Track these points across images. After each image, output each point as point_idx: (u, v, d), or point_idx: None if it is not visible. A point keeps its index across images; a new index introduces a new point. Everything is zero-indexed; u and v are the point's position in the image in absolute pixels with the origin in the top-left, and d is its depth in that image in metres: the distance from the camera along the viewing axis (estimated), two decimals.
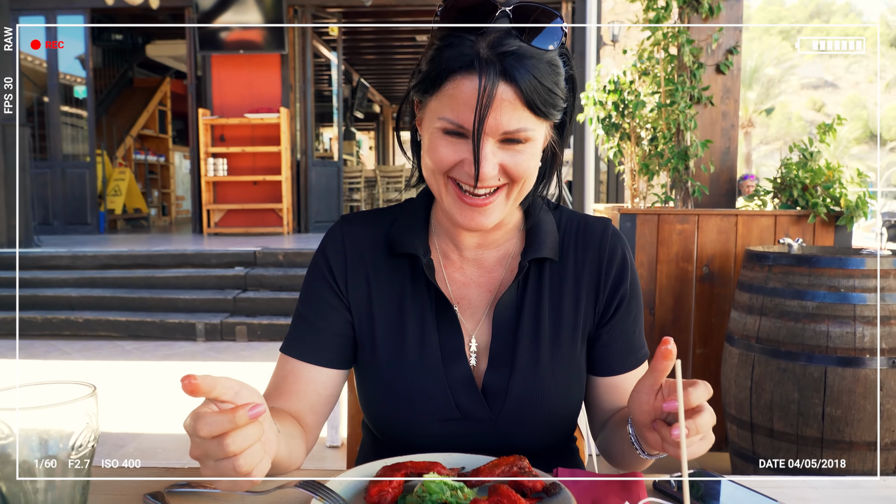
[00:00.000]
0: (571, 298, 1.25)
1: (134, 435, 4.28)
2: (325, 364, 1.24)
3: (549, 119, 1.10)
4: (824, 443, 2.87)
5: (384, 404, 1.24)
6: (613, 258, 1.27)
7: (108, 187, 12.58)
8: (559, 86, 1.08)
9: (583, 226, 1.30)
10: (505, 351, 1.22)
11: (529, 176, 1.12)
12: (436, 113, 1.09)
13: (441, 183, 1.13)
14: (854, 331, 2.83)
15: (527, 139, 1.08)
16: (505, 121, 1.04)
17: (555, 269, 1.26)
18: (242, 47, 10.50)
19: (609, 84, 4.31)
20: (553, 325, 1.23)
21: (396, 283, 1.26)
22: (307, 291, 1.29)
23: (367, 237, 1.29)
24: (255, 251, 8.08)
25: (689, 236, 3.75)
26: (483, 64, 1.02)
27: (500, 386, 1.21)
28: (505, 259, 1.28)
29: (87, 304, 7.46)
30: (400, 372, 1.21)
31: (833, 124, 3.80)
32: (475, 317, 1.26)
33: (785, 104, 44.04)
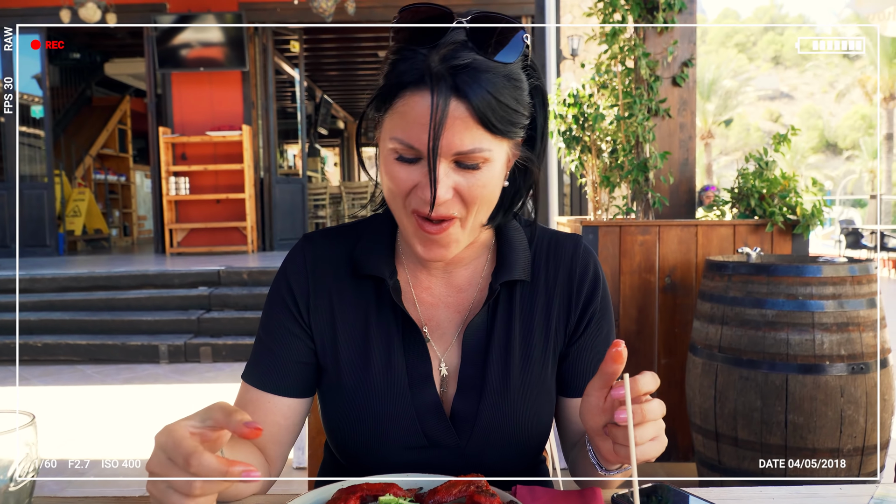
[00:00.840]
0: (542, 319, 1.21)
1: (95, 461, 4.18)
2: (286, 393, 1.20)
3: (507, 137, 1.03)
4: (788, 450, 2.90)
5: (348, 430, 1.19)
6: (585, 275, 1.23)
7: (68, 208, 12.39)
8: (520, 101, 1.02)
9: (554, 243, 1.25)
10: (474, 375, 1.18)
11: (486, 200, 1.06)
12: (388, 132, 1.03)
13: (400, 208, 1.08)
14: (813, 338, 2.86)
15: (483, 160, 1.02)
16: (457, 141, 0.98)
17: (526, 290, 1.22)
18: (203, 65, 10.43)
19: (569, 97, 4.35)
20: (523, 348, 1.19)
21: (361, 305, 1.20)
22: (268, 317, 1.23)
23: (331, 257, 1.23)
24: (219, 270, 7.99)
25: (650, 247, 3.78)
26: (434, 79, 0.97)
27: (469, 412, 1.17)
28: (475, 278, 1.23)
29: (45, 328, 7.31)
30: (365, 397, 1.17)
31: (787, 134, 3.86)
32: (444, 339, 1.21)
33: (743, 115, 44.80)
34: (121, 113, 15.72)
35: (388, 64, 1.03)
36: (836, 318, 2.88)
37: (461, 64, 0.97)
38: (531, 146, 1.12)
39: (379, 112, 1.05)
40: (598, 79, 4.32)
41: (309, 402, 1.24)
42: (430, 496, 0.97)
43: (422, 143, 0.99)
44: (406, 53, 1.00)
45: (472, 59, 0.98)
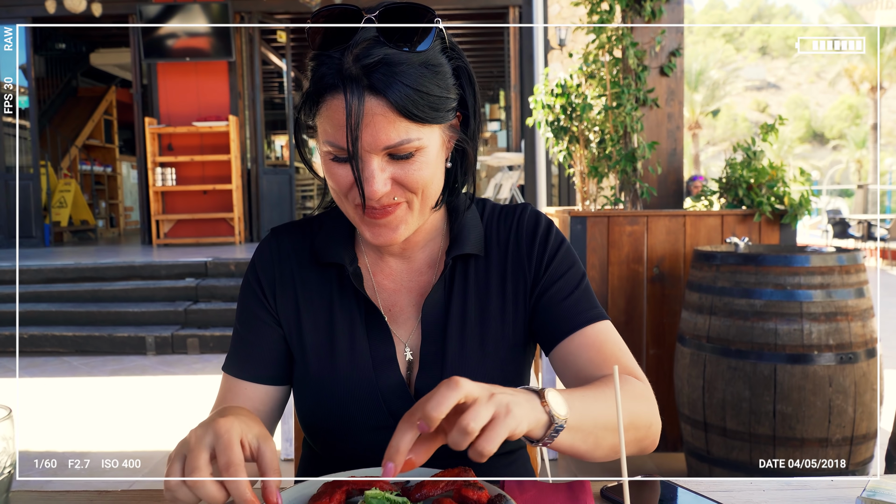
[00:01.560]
0: (498, 288, 1.23)
1: (82, 453, 4.17)
2: (263, 381, 1.23)
3: (436, 123, 1.06)
4: (776, 440, 2.91)
5: (317, 415, 1.22)
6: (534, 232, 1.25)
7: (53, 199, 12.29)
8: (442, 85, 1.04)
9: (503, 214, 1.28)
10: (435, 352, 1.20)
11: (427, 185, 1.08)
12: (321, 136, 1.06)
13: (345, 203, 1.11)
14: (801, 328, 2.87)
15: (416, 149, 1.04)
16: (383, 136, 1.01)
17: (480, 264, 1.24)
18: (189, 55, 10.35)
19: (557, 88, 4.33)
20: (481, 321, 1.22)
21: (325, 293, 1.24)
22: (241, 308, 1.27)
23: (295, 248, 1.27)
24: (207, 261, 7.95)
25: (638, 237, 3.78)
26: (347, 81, 0.99)
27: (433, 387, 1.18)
28: (433, 260, 1.26)
29: (31, 320, 7.26)
30: (331, 383, 1.20)
31: (775, 124, 3.86)
32: (407, 324, 1.24)
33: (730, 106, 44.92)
34: (106, 103, 15.59)
35: (310, 70, 1.06)
36: (825, 308, 2.88)
37: (373, 62, 0.99)
38: (466, 126, 1.15)
39: (309, 118, 1.09)
40: (586, 69, 4.31)
41: (287, 392, 1.28)
42: (417, 490, 0.96)
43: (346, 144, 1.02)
44: (322, 59, 1.03)
45: (383, 55, 0.99)
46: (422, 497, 0.95)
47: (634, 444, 1.05)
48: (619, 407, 0.71)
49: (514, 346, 1.23)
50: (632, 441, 1.03)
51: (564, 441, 0.92)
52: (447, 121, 1.09)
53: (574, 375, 1.18)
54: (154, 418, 4.87)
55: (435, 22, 1.03)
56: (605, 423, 0.97)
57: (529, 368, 1.31)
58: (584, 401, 0.96)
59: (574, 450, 0.96)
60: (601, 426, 0.96)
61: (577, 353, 1.17)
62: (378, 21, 1.00)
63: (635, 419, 1.03)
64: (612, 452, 1.00)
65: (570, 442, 0.93)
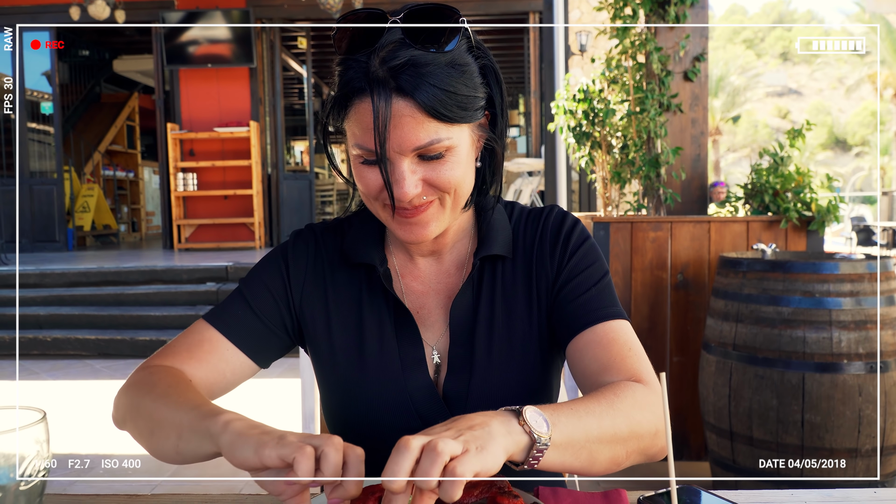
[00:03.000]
0: (524, 290, 1.22)
1: (104, 455, 4.18)
2: (246, 350, 1.20)
3: (465, 122, 1.06)
4: (805, 450, 2.86)
5: (345, 417, 1.22)
6: (558, 230, 1.24)
7: (77, 204, 12.40)
8: (469, 84, 1.05)
9: (531, 217, 1.28)
10: (463, 354, 1.19)
11: (459, 184, 1.09)
12: (351, 139, 1.07)
13: (375, 204, 1.12)
14: (831, 336, 2.83)
15: (446, 149, 1.04)
16: (412, 137, 1.01)
17: (508, 266, 1.24)
18: (210, 61, 10.42)
19: (579, 93, 4.31)
20: (507, 323, 1.21)
21: (354, 294, 1.24)
22: (257, 277, 1.25)
23: (327, 248, 1.27)
24: (227, 266, 7.98)
25: (662, 244, 3.74)
26: (374, 84, 0.99)
27: (461, 391, 1.18)
28: (461, 262, 1.26)
29: (55, 323, 7.31)
30: (360, 383, 1.19)
31: (802, 129, 3.82)
32: (436, 327, 1.23)
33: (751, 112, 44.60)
34: (129, 109, 15.73)
35: (337, 75, 1.06)
36: (854, 316, 2.84)
37: (400, 63, 0.99)
38: (494, 125, 1.15)
39: (338, 122, 1.09)
40: (609, 74, 4.29)
41: (252, 371, 1.23)
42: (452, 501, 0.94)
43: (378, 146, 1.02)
44: (349, 63, 1.03)
45: (409, 57, 0.99)
46: None
47: (639, 453, 1.00)
48: (666, 413, 0.69)
49: (541, 348, 1.22)
50: (635, 451, 0.99)
51: (553, 459, 0.88)
52: (476, 120, 1.09)
53: (581, 374, 1.15)
54: None
55: (460, 22, 1.03)
56: (599, 437, 0.93)
57: (559, 372, 1.30)
58: (574, 415, 0.92)
59: (566, 467, 0.92)
60: (594, 440, 0.93)
61: (585, 350, 1.14)
62: (403, 22, 1.01)
63: (636, 428, 0.98)
64: (612, 465, 0.97)
65: (560, 459, 0.90)
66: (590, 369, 1.13)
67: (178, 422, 0.99)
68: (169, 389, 1.06)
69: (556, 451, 0.88)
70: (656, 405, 1.03)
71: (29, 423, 0.76)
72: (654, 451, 1.03)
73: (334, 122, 1.10)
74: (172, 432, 1.00)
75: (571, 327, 1.18)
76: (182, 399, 1.03)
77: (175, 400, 1.03)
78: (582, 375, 1.15)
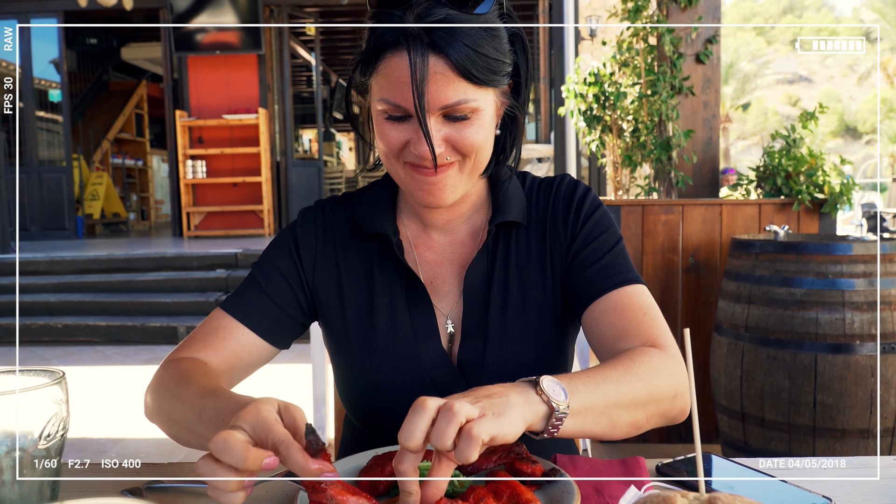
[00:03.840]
0: (538, 258, 1.22)
1: (116, 440, 4.20)
2: (261, 333, 1.20)
3: (492, 86, 1.06)
4: (816, 431, 2.86)
5: (360, 390, 1.21)
6: (570, 198, 1.24)
7: (86, 192, 12.43)
8: (499, 49, 1.05)
9: (544, 186, 1.28)
10: (477, 322, 1.19)
11: (480, 148, 1.09)
12: (376, 94, 1.07)
13: (395, 164, 1.11)
14: (843, 317, 2.81)
15: (472, 110, 1.05)
16: (442, 95, 1.01)
17: (521, 234, 1.23)
18: (219, 48, 10.41)
19: (589, 76, 4.29)
20: (522, 290, 1.20)
21: (365, 265, 1.23)
22: (268, 260, 1.25)
23: (337, 221, 1.27)
24: (237, 253, 8.00)
25: (674, 227, 3.73)
26: (410, 39, 0.99)
27: (476, 359, 1.18)
28: (476, 232, 1.26)
29: (65, 310, 7.35)
30: (372, 355, 1.18)
31: (815, 112, 3.79)
32: (449, 296, 1.23)
33: (761, 99, 44.39)
34: (137, 97, 15.75)
35: (368, 29, 1.06)
36: (867, 297, 2.82)
37: (435, 20, 1.00)
38: (517, 94, 1.15)
39: (365, 77, 1.09)
40: (620, 57, 4.26)
41: (272, 354, 1.24)
42: (469, 463, 0.94)
43: (407, 102, 1.02)
44: (382, 17, 1.03)
45: (445, 15, 1.00)
46: (474, 470, 0.94)
47: (659, 416, 1.00)
48: (690, 377, 0.68)
49: (556, 316, 1.21)
50: (656, 414, 0.99)
51: (573, 427, 0.88)
52: (501, 85, 1.09)
53: (597, 342, 1.15)
54: None
55: None
56: (619, 402, 0.93)
57: (573, 342, 1.29)
58: (592, 382, 0.92)
59: (587, 433, 0.92)
60: (613, 405, 0.92)
61: (600, 318, 1.14)
62: None
63: (655, 391, 0.97)
64: (632, 429, 0.97)
65: (581, 426, 0.90)
66: (606, 337, 1.12)
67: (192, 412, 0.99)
68: (181, 382, 1.06)
69: (575, 418, 0.88)
70: (674, 368, 1.03)
71: (47, 383, 0.76)
72: (675, 414, 1.03)
73: (361, 77, 1.10)
74: (190, 423, 0.99)
75: (587, 295, 1.17)
76: (193, 389, 1.02)
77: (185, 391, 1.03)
78: (598, 343, 1.14)
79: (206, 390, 1.00)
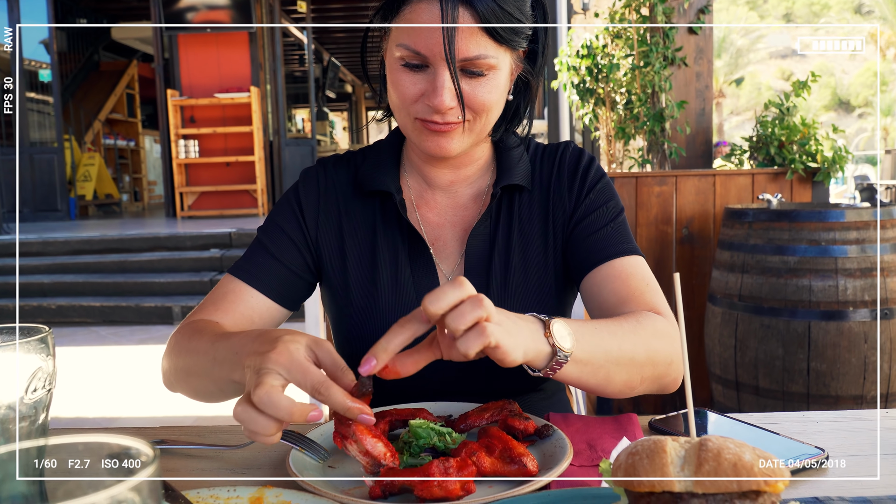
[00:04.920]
0: (541, 223, 1.23)
1: (112, 419, 4.21)
2: (271, 295, 1.20)
3: (512, 47, 1.07)
4: (810, 398, 2.87)
5: (359, 347, 1.20)
6: (576, 166, 1.25)
7: (78, 173, 12.37)
8: (523, 11, 1.05)
9: (547, 152, 1.28)
10: (479, 283, 1.19)
11: (491, 108, 1.09)
12: (395, 40, 1.06)
13: (406, 117, 1.11)
14: (836, 284, 2.82)
15: (489, 67, 1.05)
16: (463, 47, 1.01)
17: (525, 198, 1.24)
18: (210, 26, 10.32)
19: (582, 49, 4.26)
20: (523, 254, 1.21)
21: (368, 223, 1.23)
22: (273, 223, 1.25)
23: (340, 180, 1.27)
24: (231, 232, 7.98)
25: (667, 198, 3.72)
26: None
27: None
28: (479, 196, 1.26)
29: (59, 291, 7.33)
30: (374, 313, 1.19)
31: (808, 81, 3.78)
32: (451, 257, 1.23)
33: (754, 74, 44.24)
34: (128, 77, 15.62)
35: None
36: (860, 264, 2.83)
37: None
38: (533, 61, 1.15)
39: (386, 21, 1.09)
40: (612, 28, 4.23)
41: (284, 316, 1.24)
42: (462, 420, 0.94)
43: (428, 49, 1.02)
44: None
45: None
46: (466, 428, 0.94)
47: (653, 380, 1.02)
48: (682, 341, 0.68)
49: (556, 280, 1.22)
50: (650, 378, 1.01)
51: (570, 373, 0.90)
52: (519, 48, 1.09)
53: (598, 307, 1.16)
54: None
55: None
56: (618, 359, 0.95)
57: (571, 305, 1.30)
58: (597, 335, 0.94)
59: (582, 383, 0.94)
60: (612, 361, 0.94)
61: (602, 284, 1.15)
62: None
63: (654, 355, 1.00)
64: (625, 388, 0.99)
65: (578, 375, 0.92)
66: (609, 302, 1.14)
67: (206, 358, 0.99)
68: (194, 336, 1.06)
69: (576, 365, 0.90)
70: (674, 337, 1.04)
71: (31, 337, 0.75)
72: (667, 381, 1.05)
73: (381, 21, 1.10)
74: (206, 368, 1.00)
75: (587, 262, 1.18)
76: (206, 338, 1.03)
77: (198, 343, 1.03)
78: (599, 308, 1.16)
79: (217, 336, 1.01)
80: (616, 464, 0.62)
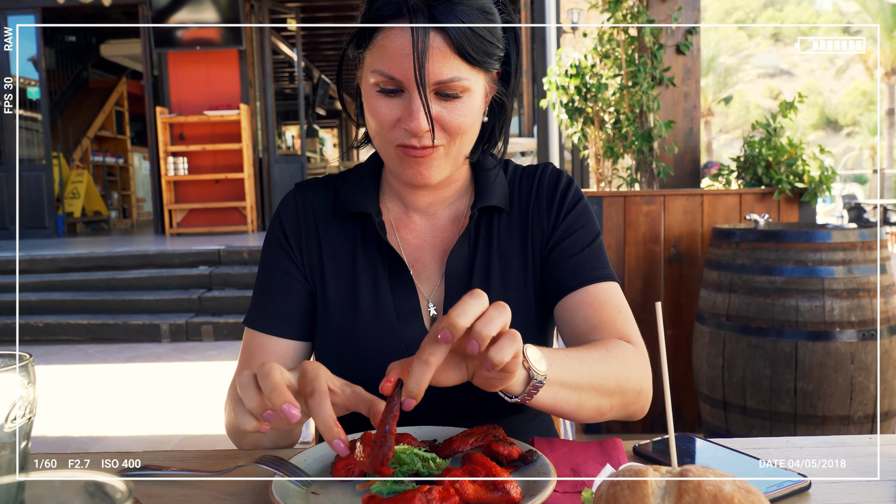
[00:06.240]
0: (519, 244, 1.23)
1: (98, 438, 4.17)
2: (290, 336, 1.22)
3: (485, 69, 1.08)
4: (798, 418, 2.87)
5: (341, 370, 1.19)
6: (554, 187, 1.25)
7: (66, 190, 12.33)
8: (494, 34, 1.07)
9: (526, 174, 1.29)
10: None
11: (467, 130, 1.10)
12: (369, 67, 1.07)
13: (385, 143, 1.12)
14: (823, 304, 2.83)
15: (463, 90, 1.06)
16: (437, 70, 1.02)
17: (503, 220, 1.24)
18: (199, 44, 10.32)
19: (571, 68, 4.29)
20: (503, 276, 1.21)
21: (348, 245, 1.24)
22: (266, 261, 1.27)
23: (319, 201, 1.27)
24: (220, 249, 7.95)
25: (655, 217, 3.74)
26: (412, 11, 1.01)
27: None
28: (458, 218, 1.26)
29: (46, 308, 7.28)
30: (354, 336, 1.19)
31: (794, 102, 3.81)
32: (431, 280, 1.23)
33: (742, 93, 44.61)
34: (117, 95, 15.60)
35: (366, 2, 1.07)
36: (846, 284, 2.84)
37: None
38: (506, 83, 1.17)
39: (359, 49, 1.10)
40: (601, 48, 4.26)
41: (311, 348, 1.26)
42: (446, 446, 0.94)
43: (402, 74, 1.03)
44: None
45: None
46: (451, 453, 0.93)
47: (622, 408, 1.04)
48: (661, 341, 0.68)
49: (536, 302, 1.22)
50: (619, 405, 1.03)
51: (545, 398, 0.91)
52: (492, 70, 1.11)
53: (570, 333, 1.17)
54: (169, 404, 4.87)
55: None
56: (590, 384, 0.96)
57: (552, 329, 1.30)
58: (569, 361, 0.95)
59: (556, 408, 0.94)
60: (585, 387, 0.95)
61: (576, 310, 1.16)
62: None
63: (623, 383, 1.01)
64: (595, 414, 1.00)
65: (552, 400, 0.92)
66: (580, 329, 1.15)
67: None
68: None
69: (549, 390, 0.90)
70: (643, 365, 1.07)
71: (12, 365, 0.74)
72: (635, 409, 1.07)
73: (355, 50, 1.11)
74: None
75: (562, 287, 1.19)
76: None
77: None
78: (571, 334, 1.16)
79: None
80: (598, 493, 0.62)
